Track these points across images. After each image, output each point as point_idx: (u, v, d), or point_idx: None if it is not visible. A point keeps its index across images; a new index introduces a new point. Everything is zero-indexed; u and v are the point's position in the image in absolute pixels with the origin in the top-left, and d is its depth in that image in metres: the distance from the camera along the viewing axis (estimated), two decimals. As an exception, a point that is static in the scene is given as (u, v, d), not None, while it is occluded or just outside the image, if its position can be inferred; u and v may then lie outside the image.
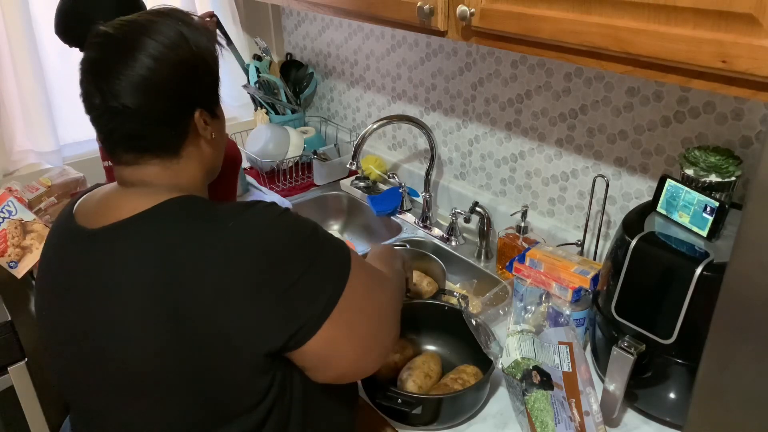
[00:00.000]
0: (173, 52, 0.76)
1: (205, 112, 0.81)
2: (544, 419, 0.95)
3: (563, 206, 1.44)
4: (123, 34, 0.76)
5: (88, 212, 0.82)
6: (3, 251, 1.46)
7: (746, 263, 0.59)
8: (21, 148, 1.79)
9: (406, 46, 1.71)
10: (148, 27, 0.77)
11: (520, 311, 1.05)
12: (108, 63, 0.76)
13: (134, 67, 0.74)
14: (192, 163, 0.83)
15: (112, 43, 0.76)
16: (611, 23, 0.82)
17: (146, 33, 0.76)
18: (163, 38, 0.76)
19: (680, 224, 0.99)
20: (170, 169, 0.81)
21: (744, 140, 1.07)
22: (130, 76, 0.74)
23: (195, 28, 0.80)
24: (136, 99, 0.75)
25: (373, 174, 1.89)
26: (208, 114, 0.82)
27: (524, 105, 1.43)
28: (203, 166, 0.85)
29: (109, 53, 0.76)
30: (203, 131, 0.81)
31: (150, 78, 0.75)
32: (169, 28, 0.77)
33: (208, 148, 0.84)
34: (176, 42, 0.77)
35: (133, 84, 0.74)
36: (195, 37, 0.79)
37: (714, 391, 0.67)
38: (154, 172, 0.80)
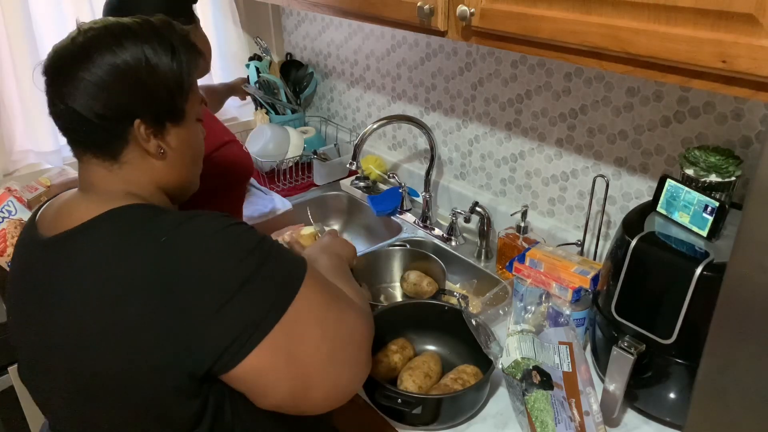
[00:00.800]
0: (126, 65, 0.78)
1: (146, 124, 0.80)
2: (544, 419, 0.95)
3: (563, 206, 1.44)
4: (88, 35, 0.79)
5: (46, 219, 0.84)
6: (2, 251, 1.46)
7: (746, 263, 0.59)
8: (21, 148, 1.79)
9: (406, 46, 1.71)
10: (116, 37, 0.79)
11: (520, 311, 1.05)
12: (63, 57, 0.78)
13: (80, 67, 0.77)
14: (137, 172, 0.82)
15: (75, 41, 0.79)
16: (611, 23, 0.82)
17: (109, 43, 0.78)
18: (122, 52, 0.78)
19: (680, 224, 0.99)
20: (114, 174, 0.82)
21: (744, 140, 1.07)
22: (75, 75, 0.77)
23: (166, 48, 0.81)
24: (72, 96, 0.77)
25: (373, 174, 1.89)
26: (151, 128, 0.81)
27: (524, 105, 1.43)
28: (154, 180, 0.84)
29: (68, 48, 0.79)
30: (145, 143, 0.81)
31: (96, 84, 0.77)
32: (133, 43, 0.79)
33: (158, 163, 0.84)
34: (133, 58, 0.78)
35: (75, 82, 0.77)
36: (156, 57, 0.80)
37: (714, 391, 0.67)
38: (100, 175, 0.82)
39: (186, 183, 0.90)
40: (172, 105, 0.83)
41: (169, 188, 0.87)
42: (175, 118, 0.84)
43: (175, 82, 0.82)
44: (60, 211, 0.83)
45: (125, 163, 0.82)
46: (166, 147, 0.84)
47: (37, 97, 1.71)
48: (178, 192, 0.89)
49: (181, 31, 0.86)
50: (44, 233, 0.81)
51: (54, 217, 0.82)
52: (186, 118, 0.85)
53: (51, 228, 0.81)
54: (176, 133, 0.85)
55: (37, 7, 1.69)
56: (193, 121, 0.88)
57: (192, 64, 0.85)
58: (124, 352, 0.72)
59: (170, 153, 0.84)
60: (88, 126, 0.79)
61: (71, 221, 0.78)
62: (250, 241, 0.76)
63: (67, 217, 0.80)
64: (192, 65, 0.85)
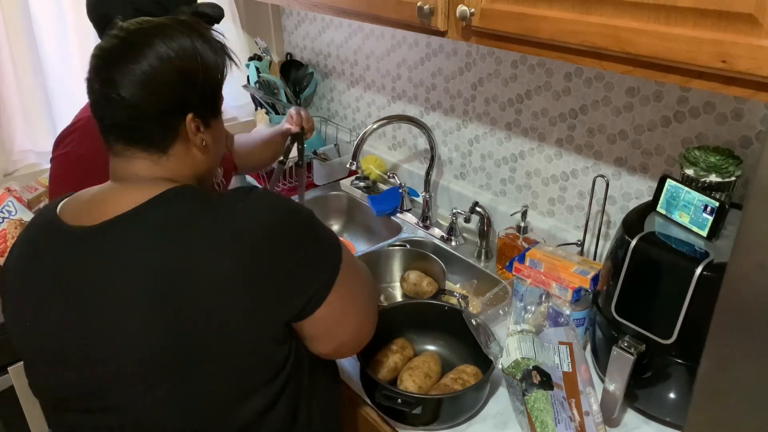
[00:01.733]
0: (179, 57, 0.80)
1: (197, 118, 0.83)
2: (544, 419, 0.95)
3: (563, 206, 1.44)
4: (139, 32, 0.80)
5: (77, 212, 0.82)
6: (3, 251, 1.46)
7: (746, 263, 0.59)
8: (21, 148, 1.79)
9: (406, 46, 1.71)
10: (164, 31, 0.81)
11: (520, 311, 1.05)
12: (116, 54, 0.80)
13: (139, 62, 0.78)
14: (180, 163, 0.85)
15: (126, 38, 0.80)
16: (611, 23, 0.82)
17: (159, 36, 0.80)
18: (173, 43, 0.80)
19: (680, 224, 0.99)
20: (159, 164, 0.83)
21: (744, 140, 1.07)
22: (132, 70, 0.78)
23: (207, 42, 0.84)
24: (131, 91, 0.78)
25: (373, 174, 1.89)
26: (200, 121, 0.84)
27: (524, 105, 1.43)
28: (193, 170, 0.87)
29: (120, 46, 0.80)
30: (193, 137, 0.84)
31: (150, 74, 0.78)
32: (182, 36, 0.81)
33: (200, 155, 0.86)
34: (185, 49, 0.81)
35: (133, 78, 0.78)
36: (205, 49, 0.83)
37: (714, 391, 0.67)
38: (144, 166, 0.83)
39: (213, 172, 0.94)
40: (216, 99, 0.87)
41: (203, 177, 0.90)
42: (216, 112, 0.88)
43: (220, 78, 0.86)
44: (98, 201, 0.82)
45: (172, 156, 0.84)
46: (209, 140, 0.87)
47: (37, 97, 1.71)
48: (206, 180, 0.92)
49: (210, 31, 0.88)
50: (80, 224, 0.79)
51: (90, 208, 0.81)
52: (220, 112, 0.90)
53: (89, 218, 0.79)
54: (215, 127, 0.89)
55: (37, 7, 1.69)
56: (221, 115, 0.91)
57: (226, 58, 0.88)
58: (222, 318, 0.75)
59: (211, 146, 0.88)
60: (144, 120, 0.80)
61: (117, 208, 0.78)
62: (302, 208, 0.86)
63: (111, 205, 0.79)
64: (226, 59, 0.88)
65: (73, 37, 1.78)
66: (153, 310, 0.74)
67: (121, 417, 0.80)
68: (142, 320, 0.74)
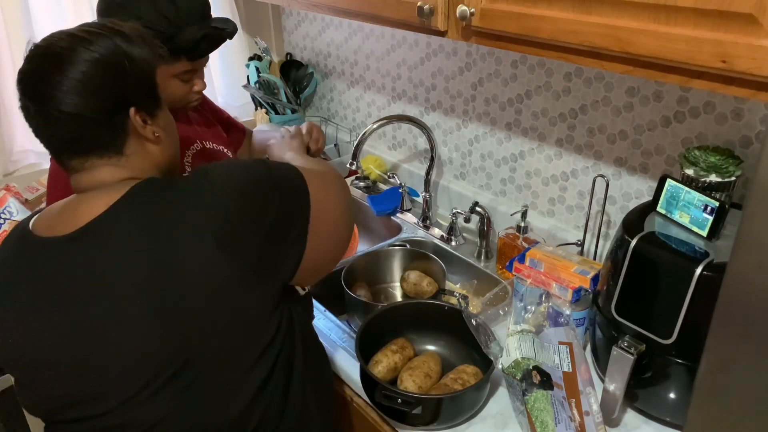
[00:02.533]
0: (103, 56, 0.79)
1: (141, 111, 0.83)
2: (544, 419, 0.95)
3: (563, 206, 1.44)
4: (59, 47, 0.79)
5: (49, 223, 0.83)
6: (3, 251, 1.46)
7: (746, 263, 0.59)
8: (21, 148, 1.79)
9: (406, 46, 1.71)
10: (84, 38, 0.80)
11: (520, 311, 1.05)
12: (40, 71, 0.79)
13: (65, 72, 0.77)
14: (140, 160, 0.85)
15: (48, 55, 0.79)
16: (611, 23, 0.82)
17: (81, 44, 0.79)
18: (94, 45, 0.79)
19: (680, 224, 0.99)
20: (119, 166, 0.84)
21: (744, 140, 1.07)
22: (61, 81, 0.77)
23: (130, 39, 0.84)
24: (67, 102, 0.77)
25: (373, 174, 1.89)
26: (145, 114, 0.84)
27: (524, 105, 1.43)
28: (154, 163, 0.88)
29: (44, 63, 0.79)
30: (142, 130, 0.84)
31: (80, 80, 0.77)
32: (103, 39, 0.81)
33: (155, 147, 0.87)
34: (107, 47, 0.80)
35: (65, 88, 0.77)
36: (128, 46, 0.83)
37: (714, 391, 0.67)
38: (106, 172, 0.83)
39: (175, 161, 0.94)
40: (154, 90, 0.87)
41: (164, 169, 0.90)
42: (158, 102, 0.88)
43: (152, 70, 0.86)
44: (69, 211, 0.82)
45: (130, 155, 0.84)
46: (159, 131, 0.87)
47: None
48: (170, 171, 0.93)
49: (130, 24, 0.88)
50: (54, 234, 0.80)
51: (62, 218, 0.81)
52: (163, 103, 0.90)
53: (60, 228, 0.80)
54: (162, 117, 0.89)
55: (37, 7, 1.69)
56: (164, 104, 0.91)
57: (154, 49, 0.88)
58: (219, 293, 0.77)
59: (162, 136, 0.88)
60: (89, 126, 0.79)
61: (89, 214, 0.78)
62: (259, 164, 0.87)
63: (81, 214, 0.79)
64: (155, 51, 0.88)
65: (73, 37, 1.78)
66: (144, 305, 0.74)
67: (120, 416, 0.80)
68: (135, 319, 0.75)
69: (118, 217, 0.78)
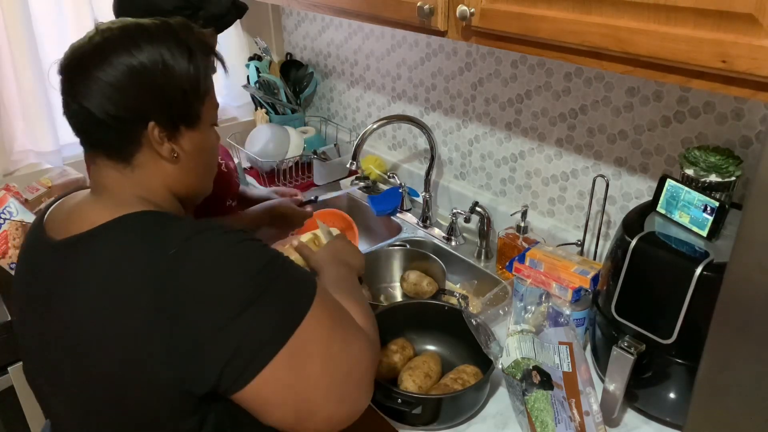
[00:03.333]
0: (142, 67, 0.77)
1: (160, 127, 0.79)
2: (544, 419, 0.95)
3: (563, 206, 1.44)
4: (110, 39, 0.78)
5: (56, 221, 0.83)
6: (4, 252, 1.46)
7: (746, 263, 0.59)
8: (21, 148, 1.79)
9: (406, 46, 1.71)
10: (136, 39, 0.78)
11: (520, 311, 1.05)
12: (80, 58, 0.78)
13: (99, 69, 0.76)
14: (149, 175, 0.82)
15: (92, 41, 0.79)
16: (611, 23, 0.82)
17: (128, 45, 0.77)
18: (141, 54, 0.77)
19: (680, 224, 0.99)
20: (127, 177, 0.81)
21: (744, 140, 1.07)
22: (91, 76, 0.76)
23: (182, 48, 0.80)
24: (86, 97, 0.77)
25: (373, 174, 1.89)
26: (165, 131, 0.80)
27: (524, 105, 1.43)
28: (166, 184, 0.83)
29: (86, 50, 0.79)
30: (158, 146, 0.80)
31: (111, 84, 0.76)
32: (150, 46, 0.78)
33: (170, 167, 0.82)
34: (152, 60, 0.78)
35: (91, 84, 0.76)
36: (175, 57, 0.79)
37: (714, 391, 0.67)
38: (112, 177, 0.81)
39: (198, 188, 0.89)
40: (188, 108, 0.82)
41: (181, 193, 0.86)
42: (189, 122, 0.83)
43: (191, 85, 0.81)
44: (71, 214, 0.82)
45: (137, 167, 0.81)
46: (180, 151, 0.82)
47: (37, 97, 1.71)
48: (190, 197, 0.88)
49: (198, 33, 0.85)
50: (53, 236, 0.80)
51: (64, 220, 0.82)
52: (201, 122, 0.84)
53: (61, 231, 0.80)
54: (190, 137, 0.83)
55: (37, 7, 1.69)
56: (208, 126, 0.86)
57: (210, 67, 0.84)
58: (123, 361, 0.71)
59: (183, 157, 0.83)
60: (101, 127, 0.78)
61: (82, 225, 0.77)
62: (261, 258, 0.74)
63: (78, 221, 0.79)
64: (210, 69, 0.84)
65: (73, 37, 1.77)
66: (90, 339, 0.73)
67: None
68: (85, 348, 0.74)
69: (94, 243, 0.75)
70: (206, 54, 0.84)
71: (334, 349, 0.75)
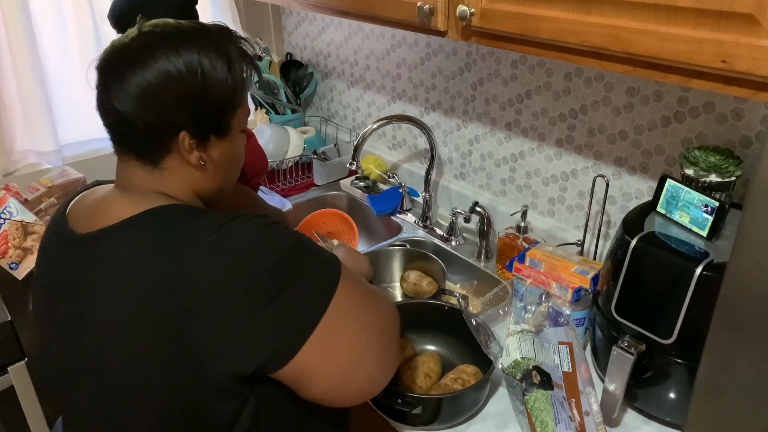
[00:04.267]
0: (179, 74, 0.76)
1: (191, 137, 0.79)
2: (544, 419, 0.95)
3: (563, 206, 1.44)
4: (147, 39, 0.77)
5: (79, 215, 0.83)
6: (4, 252, 1.46)
7: (746, 263, 0.59)
8: (21, 148, 1.79)
9: (406, 46, 1.71)
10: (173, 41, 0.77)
11: (520, 311, 1.05)
12: (119, 58, 0.77)
13: (136, 73, 0.75)
14: (176, 178, 0.82)
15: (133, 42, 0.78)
16: (611, 23, 0.82)
17: (166, 46, 0.76)
18: (179, 58, 0.76)
19: (680, 224, 0.99)
20: (154, 177, 0.81)
21: (744, 140, 1.07)
22: (128, 79, 0.75)
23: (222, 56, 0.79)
24: (120, 100, 0.76)
25: (373, 174, 1.89)
26: (195, 140, 0.80)
27: (524, 105, 1.43)
28: (191, 186, 0.83)
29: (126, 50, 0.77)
30: (188, 154, 0.80)
31: (144, 88, 0.75)
32: (190, 52, 0.77)
33: (197, 173, 0.83)
34: (189, 66, 0.76)
35: (126, 88, 0.75)
36: (214, 66, 0.78)
37: (714, 391, 0.67)
38: (138, 175, 0.81)
39: (220, 189, 0.89)
40: (220, 119, 0.81)
41: (204, 194, 0.86)
42: (220, 132, 0.82)
43: (226, 97, 0.81)
44: (94, 208, 0.82)
45: (165, 170, 0.81)
46: (208, 159, 0.82)
47: (37, 97, 1.71)
48: (212, 197, 0.89)
49: (237, 41, 0.84)
50: (77, 229, 0.80)
51: (87, 214, 0.82)
52: (231, 131, 0.84)
53: (84, 224, 0.80)
54: (219, 146, 0.83)
55: (37, 7, 1.69)
56: (237, 133, 0.86)
57: (247, 77, 0.83)
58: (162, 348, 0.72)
59: (210, 165, 0.83)
60: (133, 130, 0.77)
61: (107, 219, 0.77)
62: (289, 239, 0.77)
63: (102, 215, 0.79)
64: (247, 79, 0.83)
65: (73, 37, 1.78)
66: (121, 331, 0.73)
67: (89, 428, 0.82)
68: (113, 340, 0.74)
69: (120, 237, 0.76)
70: (245, 63, 0.83)
71: (366, 311, 0.81)
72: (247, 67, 0.83)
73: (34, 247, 1.47)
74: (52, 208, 1.61)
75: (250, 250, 0.73)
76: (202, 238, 0.73)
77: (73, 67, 1.80)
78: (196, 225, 0.75)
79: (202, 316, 0.70)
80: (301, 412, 0.83)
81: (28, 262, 1.47)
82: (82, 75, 1.81)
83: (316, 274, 0.77)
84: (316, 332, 0.74)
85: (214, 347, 0.71)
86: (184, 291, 0.71)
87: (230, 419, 0.76)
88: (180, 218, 0.77)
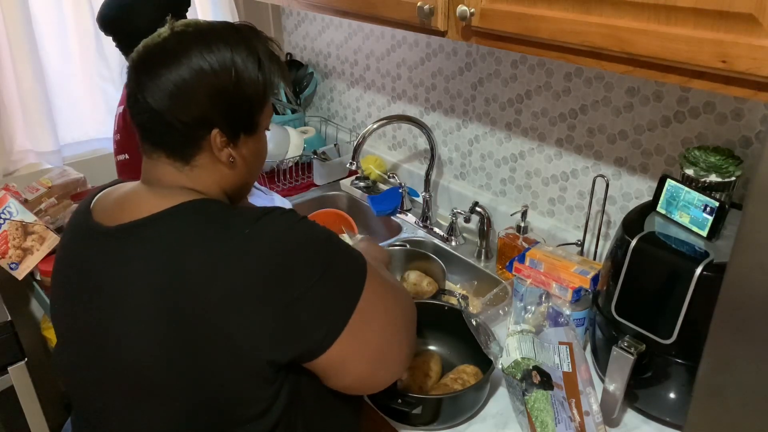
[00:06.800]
0: (213, 71, 0.77)
1: (223, 134, 0.80)
2: (544, 419, 0.95)
3: (563, 206, 1.44)
4: (180, 37, 0.78)
5: (105, 209, 0.83)
6: (4, 253, 1.46)
7: (746, 263, 0.59)
8: (21, 148, 1.79)
9: (406, 46, 1.71)
10: (206, 40, 0.78)
11: (520, 311, 1.05)
12: (153, 56, 0.78)
13: (171, 71, 0.76)
14: (205, 175, 0.83)
15: (167, 41, 0.79)
16: (611, 23, 0.82)
17: (199, 45, 0.77)
18: (211, 56, 0.77)
19: (680, 224, 0.99)
20: (182, 173, 0.82)
21: (744, 140, 1.07)
22: (162, 76, 0.76)
23: (253, 56, 0.81)
24: (156, 98, 0.77)
25: (373, 174, 1.89)
26: (226, 138, 0.81)
27: (524, 105, 1.43)
28: (219, 183, 0.84)
29: (160, 48, 0.79)
30: (218, 152, 0.81)
31: (179, 85, 0.76)
32: (223, 50, 0.78)
33: (227, 170, 0.84)
34: (222, 64, 0.78)
35: (161, 85, 0.76)
36: (246, 65, 0.80)
37: (714, 391, 0.67)
38: (168, 172, 0.82)
39: (246, 186, 0.91)
40: (250, 117, 0.83)
41: (230, 191, 0.87)
42: (249, 130, 0.84)
43: (257, 95, 0.82)
44: (122, 203, 0.82)
45: (195, 167, 0.82)
46: (237, 156, 0.84)
47: (37, 97, 1.71)
48: (238, 193, 0.90)
49: (265, 41, 0.85)
50: (104, 223, 0.80)
51: (114, 208, 0.82)
52: (258, 129, 0.86)
53: (112, 218, 0.80)
54: (247, 144, 0.85)
55: (37, 7, 1.69)
56: (263, 132, 0.88)
57: (275, 76, 0.85)
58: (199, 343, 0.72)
59: (239, 162, 0.84)
60: (167, 128, 0.78)
61: (137, 213, 0.78)
62: (322, 234, 0.80)
63: (131, 209, 0.79)
64: (275, 78, 0.85)
65: (73, 37, 1.78)
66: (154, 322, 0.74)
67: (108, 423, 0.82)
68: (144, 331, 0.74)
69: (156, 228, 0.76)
70: (273, 62, 0.84)
71: (390, 302, 0.85)
72: (274, 67, 0.85)
73: (34, 247, 1.47)
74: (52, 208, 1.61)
75: (287, 242, 0.76)
76: (240, 229, 0.75)
77: (73, 67, 1.80)
78: (233, 217, 0.77)
79: (241, 305, 0.72)
80: (326, 400, 0.86)
81: (28, 262, 1.47)
82: (82, 75, 1.81)
83: (349, 267, 0.81)
84: (351, 322, 0.77)
85: (252, 335, 0.72)
86: (224, 281, 0.72)
87: (265, 405, 0.77)
88: (216, 211, 0.78)
